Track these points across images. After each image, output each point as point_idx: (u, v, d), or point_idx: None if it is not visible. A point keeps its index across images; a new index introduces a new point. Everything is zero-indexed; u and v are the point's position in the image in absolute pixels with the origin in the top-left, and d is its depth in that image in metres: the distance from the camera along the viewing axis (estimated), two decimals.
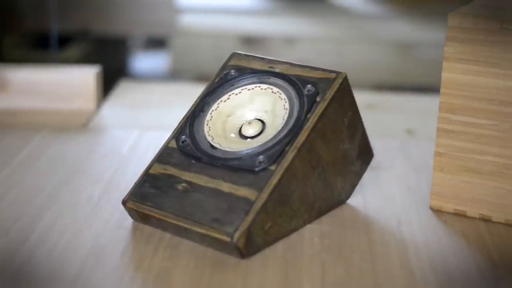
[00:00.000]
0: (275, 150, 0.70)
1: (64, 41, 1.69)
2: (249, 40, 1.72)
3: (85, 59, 1.57)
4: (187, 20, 1.85)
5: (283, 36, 1.74)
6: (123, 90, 1.14)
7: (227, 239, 0.67)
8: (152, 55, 2.14)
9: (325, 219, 0.75)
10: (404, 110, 1.10)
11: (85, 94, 1.03)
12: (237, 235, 0.66)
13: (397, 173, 0.86)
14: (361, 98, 1.15)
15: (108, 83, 1.18)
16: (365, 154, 0.78)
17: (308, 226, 0.73)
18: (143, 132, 0.95)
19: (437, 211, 0.77)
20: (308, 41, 1.72)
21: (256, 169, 0.69)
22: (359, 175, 0.78)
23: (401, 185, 0.83)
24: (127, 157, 0.89)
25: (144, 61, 2.13)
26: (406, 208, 0.78)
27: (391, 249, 0.70)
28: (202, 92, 0.78)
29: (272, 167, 0.69)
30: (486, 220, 0.76)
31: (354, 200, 0.79)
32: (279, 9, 1.97)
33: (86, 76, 1.03)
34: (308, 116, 0.71)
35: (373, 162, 0.88)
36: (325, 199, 0.75)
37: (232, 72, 0.77)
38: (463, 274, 0.67)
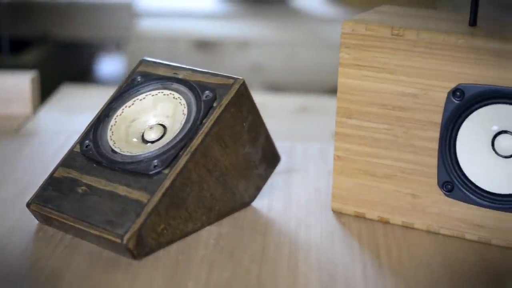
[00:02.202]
0: (169, 155, 0.72)
1: (24, 45, 1.72)
2: (203, 44, 1.73)
3: (44, 64, 1.59)
4: (145, 24, 1.87)
5: (238, 40, 1.76)
6: (63, 95, 1.16)
7: (118, 240, 0.69)
8: (111, 59, 2.17)
9: (227, 221, 0.77)
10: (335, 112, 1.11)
11: (21, 99, 1.05)
12: (127, 236, 0.68)
13: (309, 175, 0.88)
14: (295, 101, 1.18)
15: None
16: (270, 157, 0.80)
17: (208, 228, 0.75)
18: (71, 137, 0.97)
19: (339, 214, 0.79)
20: (262, 44, 1.74)
21: (151, 172, 0.71)
22: (264, 178, 0.80)
23: (310, 188, 0.84)
24: (51, 161, 0.91)
25: (103, 65, 2.15)
26: (310, 210, 0.80)
27: (283, 251, 0.72)
28: (109, 98, 0.80)
29: (166, 171, 0.71)
30: (385, 222, 0.77)
31: (260, 203, 0.80)
32: (236, 12, 1.98)
33: (22, 82, 1.05)
34: (204, 121, 0.73)
35: (289, 165, 0.90)
36: (226, 202, 0.77)
37: (139, 78, 0.79)
38: (347, 275, 0.68)
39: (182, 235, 0.73)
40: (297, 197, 0.83)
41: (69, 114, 1.09)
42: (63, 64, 1.82)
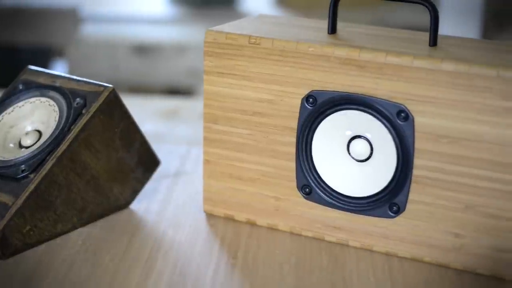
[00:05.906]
0: (36, 159, 0.76)
1: None
2: (142, 49, 1.77)
3: None
4: (88, 30, 1.90)
5: (178, 44, 1.78)
6: None
7: None
8: (54, 64, 2.20)
9: (101, 222, 0.80)
10: None
11: None
12: None
13: (195, 179, 0.91)
14: None
15: None
16: (148, 162, 0.83)
17: (80, 229, 0.79)
18: None
19: (210, 215, 0.82)
20: (201, 49, 1.77)
21: (18, 176, 0.75)
22: (141, 181, 0.83)
23: (192, 191, 0.87)
24: None
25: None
26: (184, 212, 0.83)
27: (145, 251, 0.75)
28: None
29: (32, 175, 0.75)
30: (252, 224, 0.80)
31: (138, 205, 0.84)
32: (182, 16, 2.00)
33: None
34: (72, 127, 0.77)
35: (179, 168, 0.93)
36: (99, 204, 0.80)
37: (20, 86, 0.83)
38: (198, 274, 0.71)
39: (51, 236, 0.77)
40: (176, 199, 0.86)
41: None
42: (4, 69, 1.85)
